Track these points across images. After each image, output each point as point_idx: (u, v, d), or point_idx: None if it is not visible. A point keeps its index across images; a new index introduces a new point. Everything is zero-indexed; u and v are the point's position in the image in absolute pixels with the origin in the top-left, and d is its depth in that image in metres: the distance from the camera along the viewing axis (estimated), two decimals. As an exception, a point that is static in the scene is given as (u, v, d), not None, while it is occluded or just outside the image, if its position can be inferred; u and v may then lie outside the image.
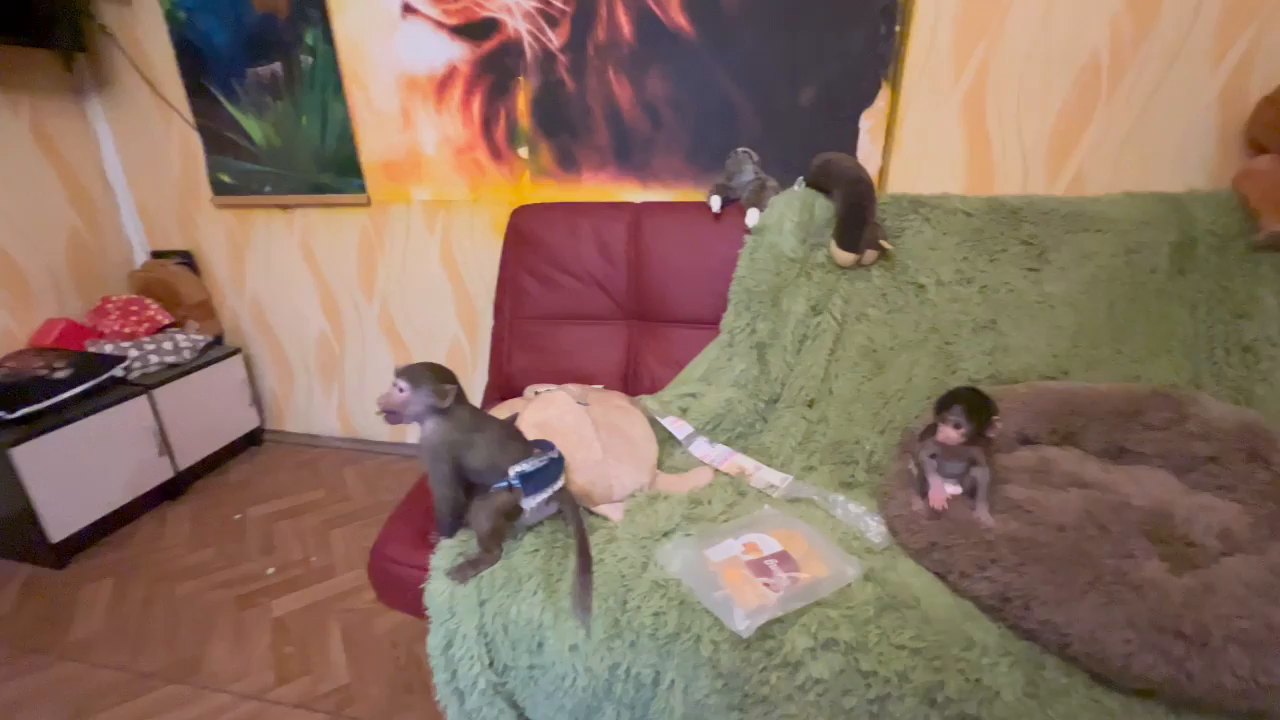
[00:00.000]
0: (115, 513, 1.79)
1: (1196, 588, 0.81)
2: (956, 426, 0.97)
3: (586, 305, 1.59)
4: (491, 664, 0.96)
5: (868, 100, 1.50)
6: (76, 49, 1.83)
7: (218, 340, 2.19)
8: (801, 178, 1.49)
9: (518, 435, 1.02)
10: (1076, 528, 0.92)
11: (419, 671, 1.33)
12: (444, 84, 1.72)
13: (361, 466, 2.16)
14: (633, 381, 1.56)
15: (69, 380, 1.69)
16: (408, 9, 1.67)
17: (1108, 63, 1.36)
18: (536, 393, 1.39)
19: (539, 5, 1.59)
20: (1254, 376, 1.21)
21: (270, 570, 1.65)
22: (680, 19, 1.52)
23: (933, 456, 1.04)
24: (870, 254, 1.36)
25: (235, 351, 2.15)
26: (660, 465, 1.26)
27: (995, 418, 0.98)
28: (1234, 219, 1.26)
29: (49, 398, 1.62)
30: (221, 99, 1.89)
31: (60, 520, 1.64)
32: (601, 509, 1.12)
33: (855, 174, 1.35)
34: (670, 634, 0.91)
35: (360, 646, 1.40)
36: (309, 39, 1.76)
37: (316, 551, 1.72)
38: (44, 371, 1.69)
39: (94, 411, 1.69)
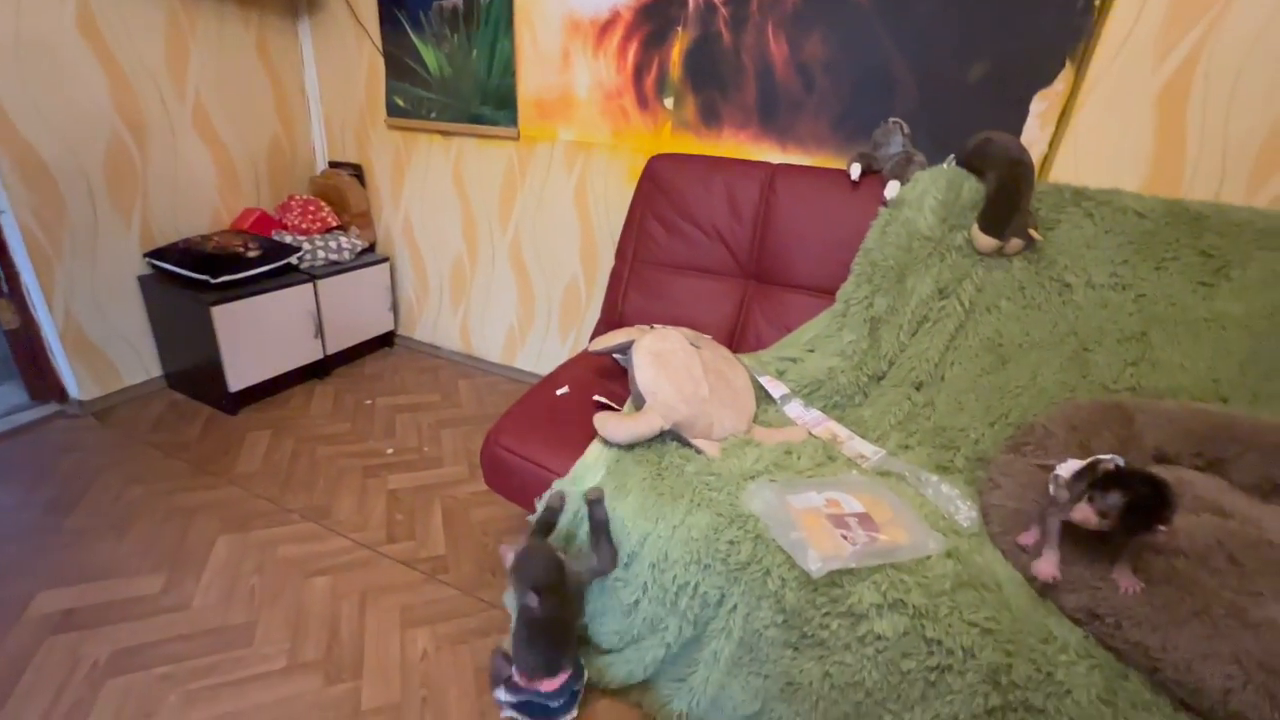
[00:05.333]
0: (276, 378, 2.10)
1: (1331, 637, 0.74)
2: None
3: (707, 258, 1.63)
4: (575, 554, 1.07)
5: (1045, 81, 1.39)
6: (300, -27, 2.10)
7: (371, 248, 2.46)
8: (953, 155, 1.42)
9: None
10: (1199, 556, 0.86)
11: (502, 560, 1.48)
12: (605, 28, 1.79)
13: (474, 381, 2.37)
14: (739, 339, 1.59)
15: (258, 259, 1.99)
16: (584, -47, 1.75)
17: (1358, 61, 1.17)
18: (652, 327, 1.46)
19: (710, -44, 1.60)
20: None
21: (390, 450, 1.88)
22: (853, -22, 1.48)
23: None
24: (1015, 243, 1.29)
25: (384, 260, 2.41)
26: (755, 419, 1.29)
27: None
28: None
29: (243, 271, 1.92)
30: (408, 28, 2.09)
31: (238, 374, 1.95)
32: (700, 443, 1.17)
33: (1016, 155, 1.28)
34: (742, 562, 0.96)
35: (457, 528, 1.58)
36: (491, -23, 1.89)
37: (429, 444, 1.93)
38: (241, 249, 2.00)
39: (273, 289, 1.99)
